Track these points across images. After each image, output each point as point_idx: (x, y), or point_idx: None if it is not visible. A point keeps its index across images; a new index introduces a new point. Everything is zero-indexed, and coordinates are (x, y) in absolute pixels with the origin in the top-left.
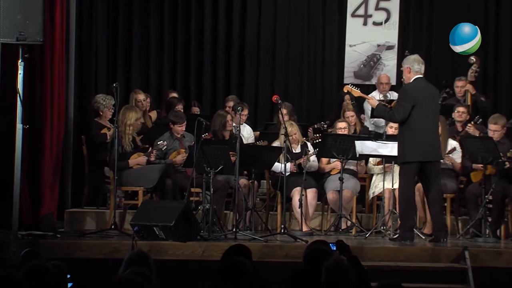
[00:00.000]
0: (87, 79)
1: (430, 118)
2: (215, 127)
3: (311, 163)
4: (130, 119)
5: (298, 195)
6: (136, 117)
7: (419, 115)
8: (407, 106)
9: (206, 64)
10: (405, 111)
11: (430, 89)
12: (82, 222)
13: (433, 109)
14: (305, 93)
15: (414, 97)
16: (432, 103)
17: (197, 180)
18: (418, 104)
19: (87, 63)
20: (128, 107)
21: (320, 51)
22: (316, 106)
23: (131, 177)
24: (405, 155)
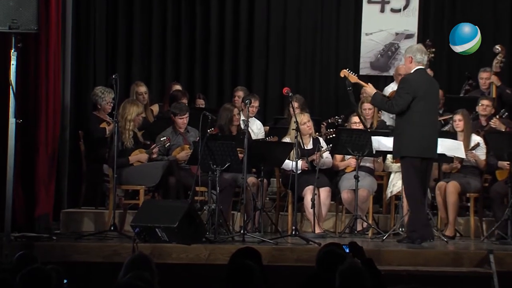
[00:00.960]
0: (84, 70)
1: (430, 113)
2: (221, 121)
3: (324, 160)
4: (131, 113)
5: (311, 195)
6: (138, 112)
7: (420, 108)
8: (408, 97)
9: (212, 54)
10: (405, 102)
11: (431, 82)
12: (80, 223)
13: (434, 103)
14: (317, 85)
15: (416, 88)
16: (432, 97)
17: (202, 178)
18: (419, 96)
19: (85, 53)
20: (129, 101)
21: (334, 40)
22: (330, 99)
23: (131, 175)
24: (404, 149)
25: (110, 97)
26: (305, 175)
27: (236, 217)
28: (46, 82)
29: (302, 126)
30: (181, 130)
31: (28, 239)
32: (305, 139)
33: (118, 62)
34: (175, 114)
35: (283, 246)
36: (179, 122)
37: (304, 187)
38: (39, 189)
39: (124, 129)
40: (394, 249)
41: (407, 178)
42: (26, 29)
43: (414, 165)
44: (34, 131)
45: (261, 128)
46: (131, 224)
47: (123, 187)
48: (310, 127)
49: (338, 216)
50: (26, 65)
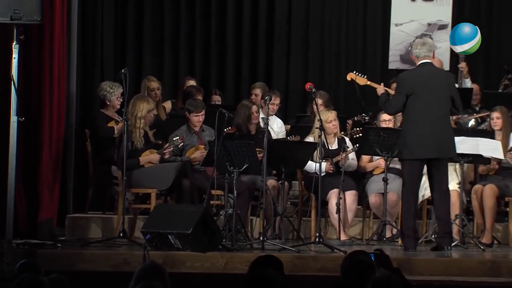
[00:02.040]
0: (91, 64)
1: (431, 110)
2: (239, 119)
3: (350, 161)
4: (141, 110)
5: (335, 199)
6: (149, 109)
7: (416, 106)
8: (400, 97)
9: (229, 47)
10: (398, 102)
11: (434, 76)
12: (86, 230)
13: (437, 99)
14: (343, 80)
15: (410, 85)
16: (435, 92)
17: (218, 181)
18: (414, 93)
19: (92, 46)
20: (139, 97)
21: (360, 31)
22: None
23: (142, 178)
24: (403, 151)
25: (119, 92)
26: (329, 177)
27: (255, 222)
28: (50, 77)
29: (327, 125)
30: (196, 129)
31: (30, 247)
32: (329, 139)
33: (127, 55)
34: (190, 111)
35: (305, 254)
36: (194, 120)
37: (328, 191)
38: (42, 193)
39: (134, 128)
40: (426, 257)
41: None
42: (28, 20)
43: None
44: (37, 130)
45: (282, 126)
46: (141, 230)
47: (133, 190)
48: (335, 126)
49: (365, 222)
50: (29, 59)
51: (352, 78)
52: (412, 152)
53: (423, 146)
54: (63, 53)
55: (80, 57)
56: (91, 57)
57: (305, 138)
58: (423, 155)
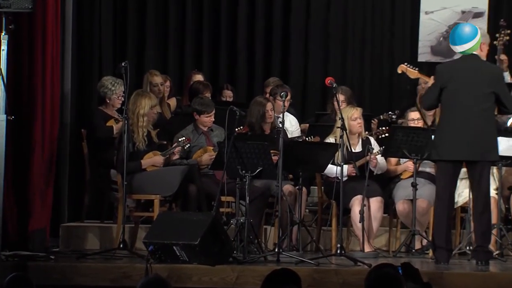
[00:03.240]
0: (88, 58)
1: (471, 106)
2: (251, 118)
3: (379, 163)
4: (143, 107)
5: (359, 206)
6: (151, 105)
7: (453, 102)
8: (434, 90)
9: (240, 37)
10: (431, 95)
11: (477, 69)
12: (82, 240)
13: (479, 95)
14: (367, 74)
15: (445, 78)
16: (474, 88)
17: (228, 186)
18: (451, 87)
19: (89, 37)
20: (139, 93)
21: (388, 20)
22: (382, 91)
23: (144, 182)
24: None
25: (121, 91)
26: (352, 182)
27: (269, 232)
28: (42, 71)
29: (351, 122)
30: (204, 129)
31: (21, 259)
32: (353, 140)
33: (128, 48)
34: (200, 112)
35: (326, 267)
36: (205, 121)
37: (351, 197)
38: (34, 199)
39: (135, 127)
40: (460, 271)
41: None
42: (19, 8)
43: (443, 170)
44: (28, 130)
45: (296, 124)
46: (143, 240)
47: (134, 196)
48: (360, 124)
49: (392, 232)
50: (19, 50)
51: (403, 70)
52: (440, 152)
53: (455, 147)
54: (57, 45)
55: (76, 49)
56: (88, 49)
57: (325, 138)
58: (453, 156)
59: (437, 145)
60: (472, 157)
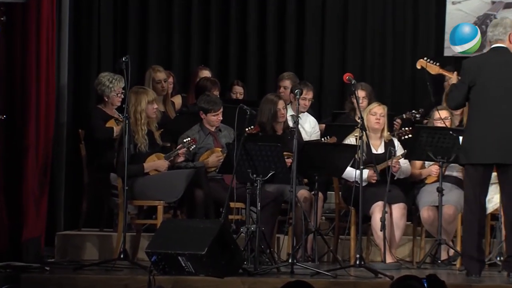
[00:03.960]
0: (86, 52)
1: (502, 105)
2: (263, 117)
3: (403, 167)
4: (139, 104)
5: (380, 213)
6: (147, 100)
7: (483, 100)
8: (461, 87)
9: (251, 29)
10: (458, 93)
11: (509, 64)
12: (80, 250)
13: (509, 90)
14: (389, 70)
15: (473, 74)
16: (509, 84)
17: (238, 191)
18: (480, 84)
19: (87, 29)
20: (133, 90)
21: (410, 11)
22: (405, 88)
23: (147, 187)
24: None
25: (120, 87)
26: (372, 187)
27: (282, 241)
28: (37, 67)
29: (370, 116)
30: (212, 129)
31: (14, 270)
32: (374, 140)
33: (129, 41)
34: (207, 111)
35: (344, 279)
36: (212, 120)
37: (371, 203)
38: (27, 205)
39: (135, 127)
40: (490, 284)
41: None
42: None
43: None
44: (21, 130)
45: (316, 126)
46: (146, 250)
47: (136, 202)
48: (378, 122)
49: (416, 241)
50: (11, 44)
51: (422, 66)
52: (468, 155)
53: (484, 149)
54: (53, 39)
55: (73, 42)
56: (86, 43)
57: (344, 139)
58: (483, 160)
59: (465, 147)
60: (504, 160)
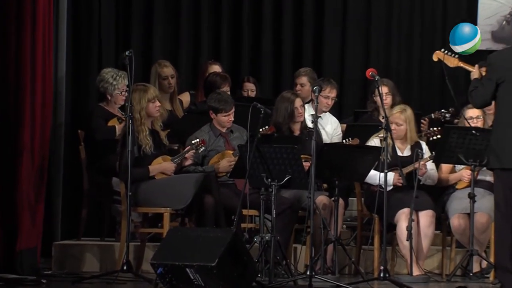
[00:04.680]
0: (86, 45)
1: None
2: (278, 117)
3: (429, 172)
4: (138, 102)
5: (406, 221)
6: (148, 97)
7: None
8: (489, 84)
9: (265, 23)
10: (485, 91)
11: None
12: (79, 261)
13: None
14: (416, 66)
15: (500, 70)
16: None
17: (251, 198)
18: (507, 79)
19: (87, 21)
20: (134, 87)
21: (440, 2)
22: (434, 85)
23: (152, 193)
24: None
25: (125, 85)
26: (398, 193)
27: (299, 252)
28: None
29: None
30: (223, 130)
31: (7, 283)
32: (400, 143)
33: (133, 33)
34: (217, 111)
35: None
36: (223, 121)
37: (396, 210)
38: (22, 212)
39: (138, 126)
40: None
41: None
42: None
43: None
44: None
45: (338, 128)
46: (151, 262)
47: (140, 209)
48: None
49: (446, 252)
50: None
51: (439, 58)
52: (500, 159)
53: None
54: (49, 31)
55: (71, 35)
56: (85, 35)
57: (367, 141)
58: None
59: (496, 150)
60: None
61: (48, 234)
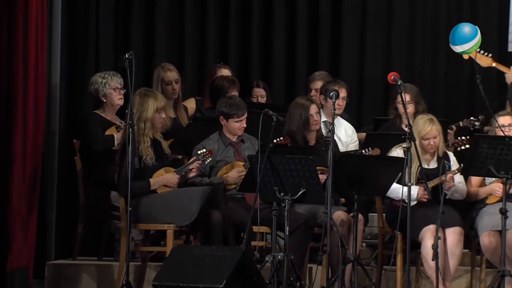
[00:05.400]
0: (82, 47)
1: None
2: (292, 125)
3: (457, 186)
4: (145, 110)
5: (432, 239)
6: (156, 107)
7: None
8: None
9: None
10: None
11: None
12: (75, 282)
13: None
14: (442, 69)
15: None
16: None
17: (262, 213)
18: None
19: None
20: (141, 92)
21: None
22: (462, 90)
23: (154, 208)
24: None
25: (117, 82)
26: (423, 208)
27: (315, 272)
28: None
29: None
30: (233, 139)
31: None
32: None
33: (133, 34)
34: (229, 116)
35: None
36: (235, 127)
37: (421, 227)
38: (13, 229)
39: (139, 136)
40: None
41: None
42: None
43: None
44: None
45: (354, 134)
46: (153, 283)
47: (141, 226)
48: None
49: (475, 273)
50: None
51: (471, 56)
52: None
53: None
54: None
55: (66, 36)
56: (81, 36)
57: (388, 152)
58: None
59: None
60: None
61: (40, 253)
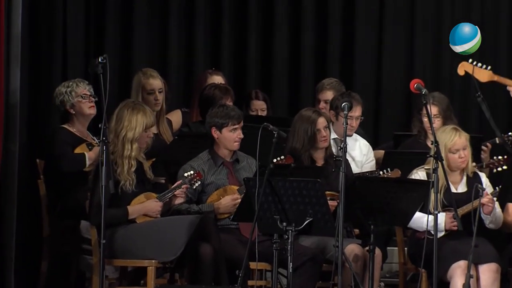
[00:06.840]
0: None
1: None
2: (296, 142)
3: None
4: (133, 128)
5: (463, 277)
6: (146, 124)
7: None
8: None
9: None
10: None
11: None
12: None
13: None
14: None
15: None
16: None
17: (261, 247)
18: None
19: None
20: (129, 105)
21: None
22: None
23: (132, 241)
24: None
25: (84, 89)
26: (452, 240)
27: None
28: None
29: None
30: (227, 158)
31: None
32: (453, 176)
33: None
34: (222, 125)
35: None
36: (230, 138)
37: (450, 263)
38: None
39: (120, 158)
40: None
41: None
42: None
43: None
44: None
45: (370, 153)
46: None
47: (117, 262)
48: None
49: None
50: None
51: (467, 71)
52: None
53: None
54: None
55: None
56: (46, 37)
57: (410, 173)
58: None
59: None
60: None
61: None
